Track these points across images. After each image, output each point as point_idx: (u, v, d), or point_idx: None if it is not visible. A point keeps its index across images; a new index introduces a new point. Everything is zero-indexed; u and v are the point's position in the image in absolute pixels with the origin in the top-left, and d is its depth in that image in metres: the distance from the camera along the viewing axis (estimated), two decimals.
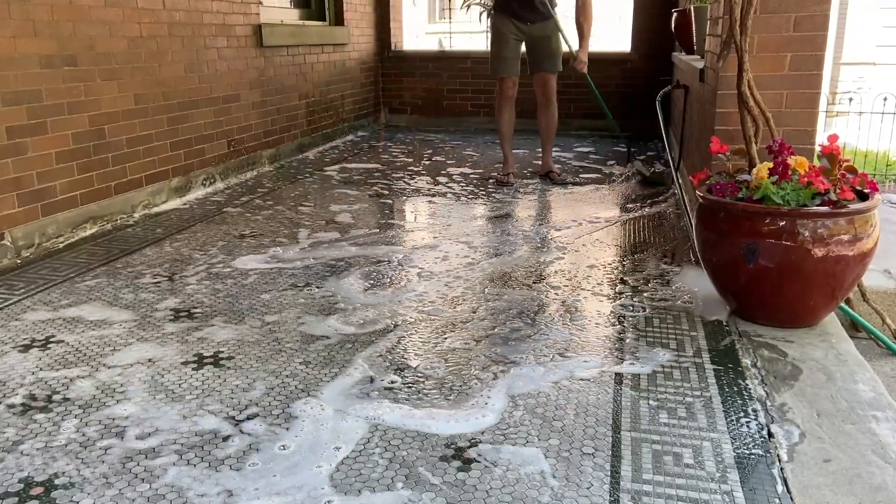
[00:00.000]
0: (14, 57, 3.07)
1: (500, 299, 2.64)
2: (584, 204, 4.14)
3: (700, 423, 1.81)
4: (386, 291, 2.73)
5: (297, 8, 5.96)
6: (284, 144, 5.46)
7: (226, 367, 2.11)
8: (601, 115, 6.81)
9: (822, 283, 2.25)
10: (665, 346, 2.25)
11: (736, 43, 2.62)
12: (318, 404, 1.89)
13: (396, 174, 4.99)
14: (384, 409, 1.86)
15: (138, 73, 3.83)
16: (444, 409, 1.87)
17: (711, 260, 2.47)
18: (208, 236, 3.46)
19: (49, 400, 1.93)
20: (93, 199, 3.56)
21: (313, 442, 1.72)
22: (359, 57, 6.80)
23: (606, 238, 3.43)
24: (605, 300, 2.65)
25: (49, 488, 1.56)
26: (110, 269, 2.98)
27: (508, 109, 4.70)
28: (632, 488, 1.55)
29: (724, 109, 2.88)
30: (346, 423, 1.80)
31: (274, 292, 2.71)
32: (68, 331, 2.37)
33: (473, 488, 1.55)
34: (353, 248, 3.28)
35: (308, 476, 1.59)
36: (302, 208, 4.02)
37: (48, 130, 3.26)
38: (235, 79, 4.73)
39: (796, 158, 2.29)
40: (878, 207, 2.29)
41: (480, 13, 7.28)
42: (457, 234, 3.49)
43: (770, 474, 1.60)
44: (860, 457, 1.66)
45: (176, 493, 1.54)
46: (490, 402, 1.91)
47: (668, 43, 6.22)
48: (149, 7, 3.88)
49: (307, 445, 1.70)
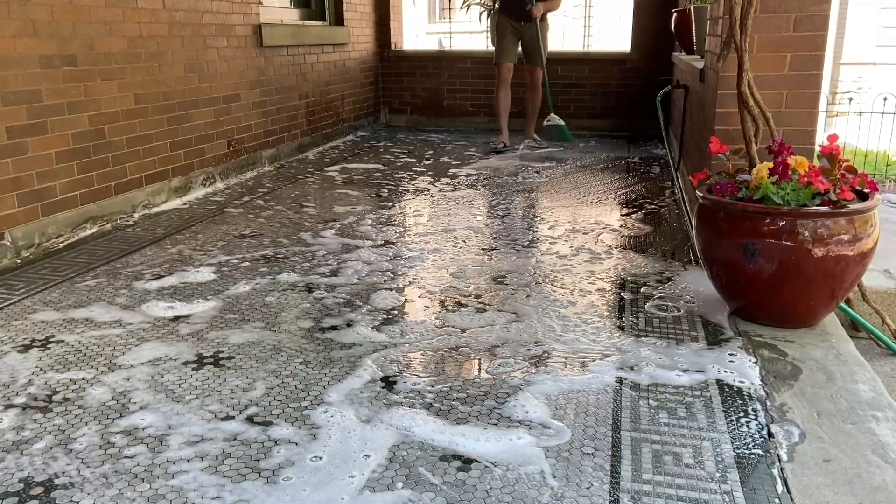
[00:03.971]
0: (14, 57, 3.07)
1: (500, 299, 2.64)
2: (584, 205, 4.14)
3: (700, 423, 1.80)
4: (386, 291, 2.73)
5: (297, 8, 5.97)
6: (284, 144, 5.46)
7: (226, 367, 2.11)
8: (600, 116, 6.85)
9: (822, 283, 2.25)
10: (665, 346, 2.25)
11: (736, 43, 2.62)
12: (336, 409, 1.89)
13: (398, 174, 5.00)
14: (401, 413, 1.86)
15: (138, 73, 3.83)
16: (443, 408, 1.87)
17: (711, 260, 2.47)
18: (208, 236, 3.46)
19: (49, 400, 1.93)
20: (93, 199, 3.56)
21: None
22: (359, 57, 6.80)
23: (606, 238, 3.43)
24: (605, 300, 2.65)
25: (49, 488, 1.56)
26: (110, 269, 2.98)
27: (505, 90, 5.93)
28: (632, 488, 1.55)
29: (724, 109, 2.88)
30: (371, 429, 1.80)
31: (276, 293, 2.71)
32: (68, 331, 2.37)
33: (473, 488, 1.55)
34: (354, 248, 3.28)
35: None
36: (302, 209, 4.02)
37: (48, 130, 3.26)
38: (235, 79, 4.74)
39: (796, 158, 2.29)
40: (878, 207, 2.29)
41: (480, 13, 7.29)
42: (457, 235, 3.49)
43: (770, 474, 1.60)
44: (860, 457, 1.66)
45: (176, 493, 1.54)
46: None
47: (668, 43, 6.22)
48: (149, 7, 3.88)
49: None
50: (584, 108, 6.86)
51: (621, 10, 6.44)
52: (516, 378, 2.04)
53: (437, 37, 14.07)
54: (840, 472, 1.61)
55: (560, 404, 1.89)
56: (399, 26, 7.56)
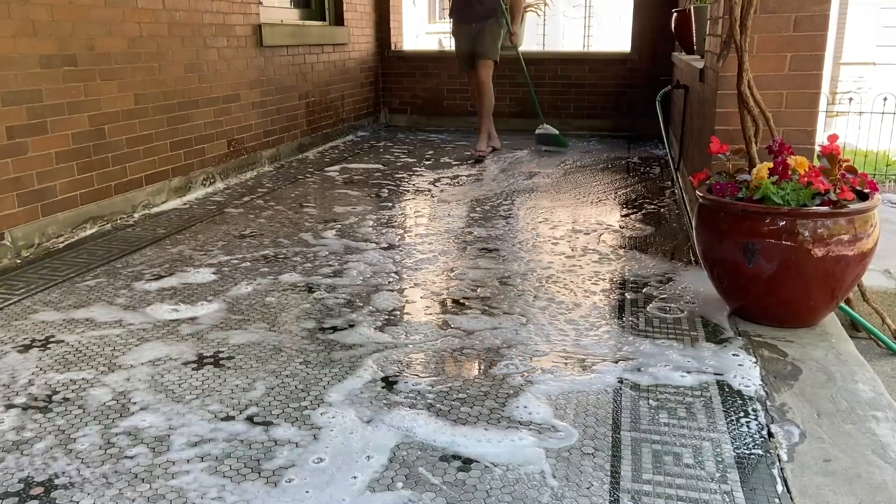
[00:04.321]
0: (14, 57, 3.07)
1: (500, 299, 2.64)
2: (584, 205, 4.14)
3: (700, 423, 1.81)
4: (388, 292, 2.73)
5: (297, 8, 5.97)
6: (284, 144, 5.46)
7: (226, 367, 2.11)
8: (600, 115, 6.85)
9: (822, 283, 2.25)
10: (665, 346, 2.25)
11: (736, 43, 2.62)
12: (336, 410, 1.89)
13: (398, 174, 4.99)
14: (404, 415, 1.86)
15: (138, 73, 3.83)
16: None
17: (711, 260, 2.47)
18: (208, 236, 3.46)
19: (49, 400, 1.93)
20: (93, 199, 3.56)
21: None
22: (359, 57, 6.80)
23: (607, 238, 3.43)
24: (605, 300, 2.65)
25: (49, 488, 1.56)
26: (110, 269, 2.98)
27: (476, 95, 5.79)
28: (632, 488, 1.55)
29: (724, 109, 2.88)
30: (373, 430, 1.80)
31: (276, 293, 2.71)
32: (68, 331, 2.37)
33: (473, 488, 1.55)
34: (354, 248, 3.28)
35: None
36: (303, 209, 4.02)
37: (48, 130, 3.26)
38: (235, 79, 4.74)
39: (796, 158, 2.29)
40: (878, 207, 2.29)
41: None
42: (457, 235, 3.49)
43: (770, 474, 1.60)
44: (860, 457, 1.66)
45: (176, 494, 1.54)
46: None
47: (668, 43, 6.22)
48: (149, 7, 3.88)
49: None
50: (584, 107, 6.86)
51: (621, 10, 6.44)
52: (517, 379, 2.04)
53: (437, 37, 14.07)
54: (840, 472, 1.61)
55: (560, 404, 1.89)
56: (399, 26, 7.55)
